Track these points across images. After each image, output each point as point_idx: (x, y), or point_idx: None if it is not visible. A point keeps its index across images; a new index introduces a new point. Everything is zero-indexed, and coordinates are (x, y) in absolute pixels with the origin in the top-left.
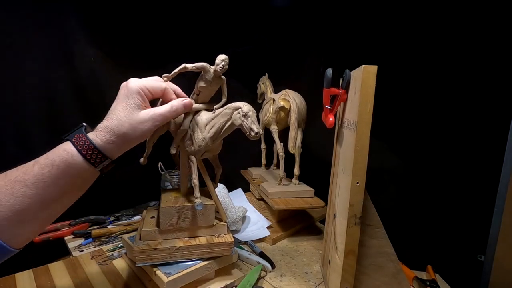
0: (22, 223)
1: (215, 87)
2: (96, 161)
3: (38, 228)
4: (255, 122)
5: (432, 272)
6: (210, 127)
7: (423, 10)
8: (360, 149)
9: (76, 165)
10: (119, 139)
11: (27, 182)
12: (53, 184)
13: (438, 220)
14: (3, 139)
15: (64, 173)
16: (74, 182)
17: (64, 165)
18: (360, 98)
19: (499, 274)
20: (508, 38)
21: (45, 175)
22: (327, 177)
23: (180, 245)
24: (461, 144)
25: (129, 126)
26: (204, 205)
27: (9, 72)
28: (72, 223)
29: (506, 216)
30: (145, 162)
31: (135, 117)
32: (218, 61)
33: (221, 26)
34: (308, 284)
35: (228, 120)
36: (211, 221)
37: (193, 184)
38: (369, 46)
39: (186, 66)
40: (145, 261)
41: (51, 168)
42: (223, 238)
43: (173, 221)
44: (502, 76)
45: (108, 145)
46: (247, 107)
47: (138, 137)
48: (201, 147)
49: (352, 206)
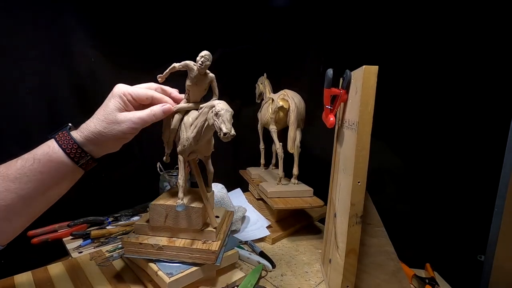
0: (7, 220)
1: (202, 85)
2: (76, 156)
3: (22, 224)
4: (225, 122)
5: (430, 270)
6: (194, 127)
7: (422, 10)
8: (361, 149)
9: (56, 159)
10: (96, 136)
11: (10, 177)
12: (35, 179)
13: (438, 220)
14: (3, 139)
15: (45, 167)
16: (55, 176)
17: (45, 158)
18: (361, 98)
19: (499, 274)
20: (508, 38)
21: (27, 168)
22: (325, 176)
23: (164, 244)
24: (461, 144)
25: (105, 125)
26: (189, 207)
27: (9, 72)
28: (70, 224)
29: (506, 216)
30: (168, 160)
31: (112, 118)
32: (198, 58)
33: (221, 26)
34: (309, 283)
35: (206, 120)
36: (197, 225)
37: (178, 185)
38: (368, 46)
39: (175, 65)
40: (131, 253)
41: (33, 162)
42: (208, 245)
43: (161, 218)
44: (502, 77)
45: (87, 141)
46: (220, 105)
47: (114, 136)
48: (185, 147)
49: (353, 206)
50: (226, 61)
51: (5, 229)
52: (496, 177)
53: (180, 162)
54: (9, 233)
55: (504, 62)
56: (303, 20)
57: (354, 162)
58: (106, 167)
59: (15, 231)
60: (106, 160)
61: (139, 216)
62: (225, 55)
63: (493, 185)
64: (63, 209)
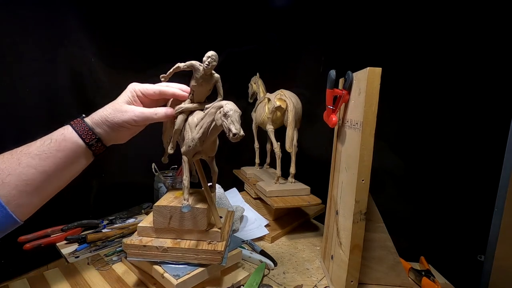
0: (28, 193)
1: (207, 85)
2: (86, 138)
3: (40, 200)
4: (234, 123)
5: (425, 262)
6: (200, 127)
7: (422, 11)
8: (365, 148)
9: (70, 139)
10: (102, 121)
11: (31, 154)
12: (52, 156)
13: (438, 220)
14: (3, 139)
15: (61, 146)
16: (69, 156)
17: (60, 138)
18: (365, 99)
19: (499, 274)
20: (508, 39)
21: (45, 146)
22: (320, 175)
23: (168, 246)
24: (461, 144)
25: (111, 112)
26: (194, 208)
27: (9, 72)
28: (64, 228)
29: (506, 216)
30: (166, 160)
31: (118, 107)
32: (204, 58)
33: (220, 25)
34: (311, 280)
35: (213, 120)
36: (202, 226)
37: (183, 185)
38: (368, 46)
39: (179, 65)
40: (134, 256)
41: (50, 142)
42: (213, 245)
43: (165, 220)
44: (502, 77)
45: (95, 125)
46: (228, 106)
47: (117, 123)
48: (190, 147)
49: (357, 203)
50: (231, 61)
51: (24, 202)
52: (496, 177)
53: (184, 163)
54: (28, 208)
55: (504, 63)
56: (303, 20)
57: (358, 161)
58: (99, 168)
59: (34, 207)
60: (99, 161)
61: (135, 218)
62: (231, 55)
63: (493, 185)
64: (55, 213)
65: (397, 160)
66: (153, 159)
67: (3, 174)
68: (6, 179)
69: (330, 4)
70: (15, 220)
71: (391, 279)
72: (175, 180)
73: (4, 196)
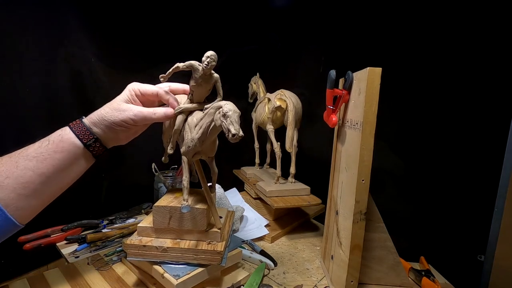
0: (26, 196)
1: (206, 85)
2: (84, 138)
3: (40, 203)
4: (234, 123)
5: (425, 262)
6: (199, 127)
7: (422, 11)
8: (365, 148)
9: (67, 140)
10: (99, 120)
11: (29, 156)
12: (50, 158)
13: (438, 220)
14: (3, 139)
15: (58, 147)
16: (67, 157)
17: (58, 139)
18: (365, 99)
19: (499, 274)
20: (508, 39)
21: (43, 148)
22: (320, 175)
23: (168, 246)
24: (461, 144)
25: (108, 111)
26: (194, 208)
27: (9, 72)
28: (64, 228)
29: (506, 216)
30: (166, 160)
31: (116, 106)
32: (203, 58)
33: (220, 25)
34: (311, 280)
35: (213, 121)
36: (202, 226)
37: (182, 186)
38: (367, 46)
39: (179, 65)
40: (134, 256)
41: (48, 143)
42: (212, 246)
43: (165, 220)
44: (502, 77)
45: (93, 124)
46: (228, 106)
47: (115, 122)
48: (190, 148)
49: (357, 203)
50: (231, 61)
51: (23, 205)
52: (496, 177)
53: (184, 163)
54: (28, 211)
55: (504, 63)
56: (303, 20)
57: (358, 161)
58: (99, 169)
59: (34, 210)
60: (100, 162)
61: (135, 218)
62: (232, 55)
63: (493, 185)
64: (55, 213)
65: (397, 160)
66: (153, 159)
67: (1, 177)
68: (4, 182)
69: (330, 5)
70: (15, 223)
71: (391, 279)
72: (175, 180)
73: (3, 199)
